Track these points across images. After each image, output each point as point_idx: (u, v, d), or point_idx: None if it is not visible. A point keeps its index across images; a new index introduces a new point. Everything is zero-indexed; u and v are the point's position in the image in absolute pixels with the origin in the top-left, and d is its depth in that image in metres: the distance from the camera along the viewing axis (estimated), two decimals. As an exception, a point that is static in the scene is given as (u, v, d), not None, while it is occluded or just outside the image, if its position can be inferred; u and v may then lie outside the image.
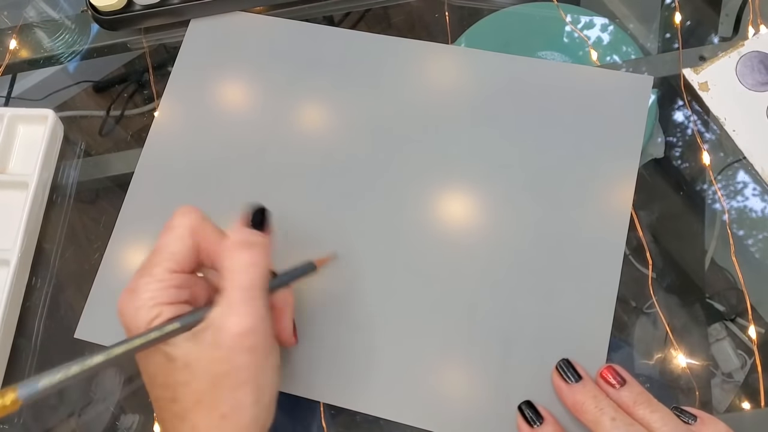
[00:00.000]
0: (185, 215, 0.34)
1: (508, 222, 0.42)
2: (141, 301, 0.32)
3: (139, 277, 0.33)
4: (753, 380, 0.39)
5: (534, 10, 0.49)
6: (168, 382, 0.32)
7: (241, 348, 0.31)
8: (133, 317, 0.32)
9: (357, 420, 0.40)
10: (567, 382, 0.36)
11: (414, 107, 0.46)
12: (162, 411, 0.33)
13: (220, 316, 0.32)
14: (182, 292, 0.33)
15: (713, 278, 0.41)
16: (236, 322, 0.31)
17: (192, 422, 0.31)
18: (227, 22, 0.51)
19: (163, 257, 0.33)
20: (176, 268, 0.33)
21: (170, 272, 0.33)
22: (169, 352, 0.32)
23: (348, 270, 0.42)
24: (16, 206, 0.46)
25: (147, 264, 0.33)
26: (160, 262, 0.33)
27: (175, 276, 0.33)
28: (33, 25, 0.56)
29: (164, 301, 0.32)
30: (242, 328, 0.31)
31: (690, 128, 0.45)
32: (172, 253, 0.33)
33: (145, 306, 0.32)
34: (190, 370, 0.31)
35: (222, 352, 0.31)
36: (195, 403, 0.31)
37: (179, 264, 0.33)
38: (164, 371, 0.32)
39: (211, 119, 0.48)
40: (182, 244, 0.33)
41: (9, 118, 0.48)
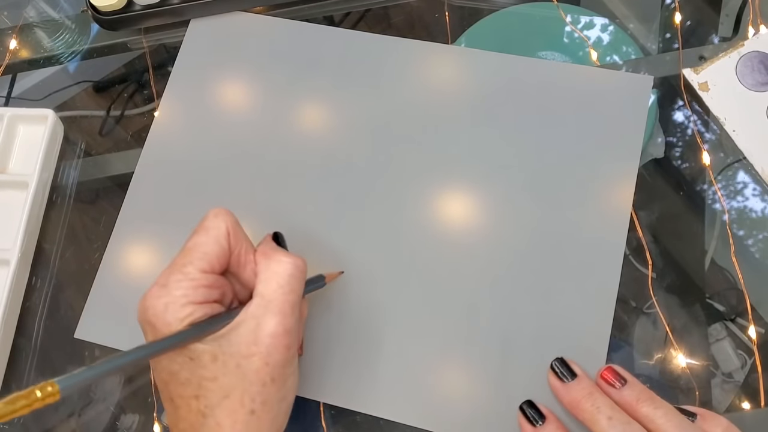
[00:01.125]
0: (221, 217, 0.34)
1: (508, 222, 0.42)
2: (172, 297, 0.32)
3: (169, 273, 0.33)
4: (753, 380, 0.39)
5: (534, 10, 0.49)
6: (192, 378, 0.32)
7: (278, 346, 0.32)
8: (161, 313, 0.32)
9: (357, 420, 0.40)
10: (562, 380, 0.36)
11: (414, 107, 0.46)
12: (179, 409, 0.32)
13: (261, 315, 0.32)
14: (213, 292, 0.33)
15: (713, 278, 0.41)
16: (279, 321, 0.32)
17: (216, 419, 0.31)
18: (227, 22, 0.51)
19: (195, 256, 0.33)
20: (208, 269, 0.33)
21: (202, 272, 0.33)
22: (195, 348, 0.32)
23: (348, 270, 0.42)
24: (16, 206, 0.46)
25: (178, 262, 0.33)
26: (193, 261, 0.33)
27: (207, 276, 0.33)
28: (33, 25, 0.56)
29: (196, 300, 0.32)
30: (283, 327, 0.32)
31: (690, 128, 0.45)
32: (205, 253, 0.33)
33: (177, 303, 0.32)
34: (218, 365, 0.31)
35: (259, 348, 0.32)
36: (222, 399, 0.31)
37: (211, 265, 0.33)
38: (188, 367, 0.32)
39: (211, 119, 0.48)
40: (217, 246, 0.34)
41: (9, 118, 0.48)
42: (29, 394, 0.25)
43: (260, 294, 0.33)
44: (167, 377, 0.33)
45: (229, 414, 0.31)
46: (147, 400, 0.43)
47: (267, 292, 0.33)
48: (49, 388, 0.26)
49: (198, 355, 0.32)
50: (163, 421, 0.42)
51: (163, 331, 0.32)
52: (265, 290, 0.33)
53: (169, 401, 0.33)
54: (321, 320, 0.41)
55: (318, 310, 0.42)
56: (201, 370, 0.32)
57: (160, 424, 0.42)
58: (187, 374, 0.32)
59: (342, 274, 0.42)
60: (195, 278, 0.33)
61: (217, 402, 0.31)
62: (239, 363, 0.31)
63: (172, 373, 0.32)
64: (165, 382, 0.33)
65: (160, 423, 0.42)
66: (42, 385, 0.26)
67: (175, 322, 0.32)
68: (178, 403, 0.32)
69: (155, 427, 0.42)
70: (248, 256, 0.35)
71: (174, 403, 0.33)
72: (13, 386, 0.44)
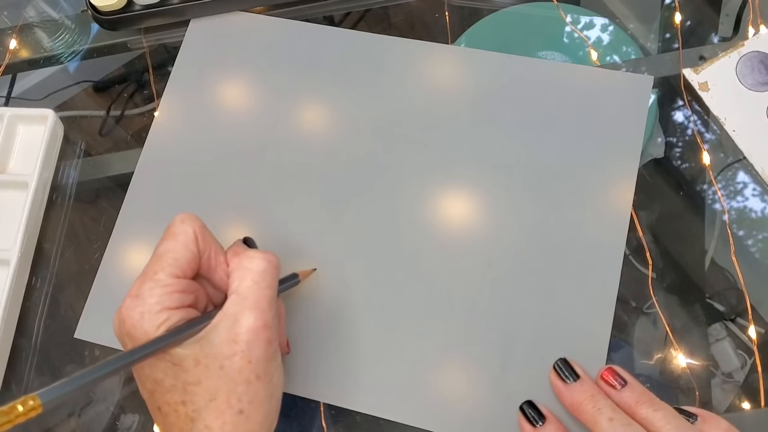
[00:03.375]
0: (188, 222, 0.34)
1: (508, 222, 0.42)
2: (147, 306, 0.32)
3: (141, 283, 0.33)
4: (753, 380, 0.39)
5: (534, 10, 0.49)
6: (176, 384, 0.32)
7: (258, 341, 0.32)
8: (138, 322, 0.32)
9: (357, 420, 0.40)
10: (565, 381, 0.36)
11: (414, 107, 0.46)
12: (168, 417, 0.32)
13: (237, 312, 0.32)
14: (186, 297, 0.33)
15: (713, 278, 0.41)
16: (257, 317, 0.32)
17: (205, 421, 0.31)
18: (227, 22, 0.51)
19: (166, 263, 0.33)
20: (179, 274, 0.33)
21: (174, 277, 0.33)
22: (177, 354, 0.32)
23: (348, 270, 0.42)
24: (16, 206, 0.46)
25: (149, 270, 0.33)
26: (164, 268, 0.33)
27: (179, 281, 0.33)
28: (33, 25, 0.56)
29: (171, 306, 0.32)
30: (262, 321, 0.32)
31: (690, 128, 0.45)
32: (176, 258, 0.33)
33: (152, 311, 0.32)
34: (201, 368, 0.31)
35: (239, 345, 0.31)
36: (208, 401, 0.31)
37: (182, 270, 0.33)
38: (172, 373, 0.32)
39: (211, 119, 0.48)
40: (186, 250, 0.34)
41: (9, 118, 0.48)
42: (11, 409, 0.25)
43: (235, 291, 0.33)
44: (152, 386, 0.33)
45: (217, 416, 0.31)
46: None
47: (242, 289, 0.33)
48: (31, 402, 0.25)
49: (180, 360, 0.32)
50: (163, 421, 0.42)
51: (141, 340, 0.31)
52: (239, 287, 0.33)
53: (156, 410, 0.33)
54: (321, 320, 0.41)
55: (318, 310, 0.42)
56: (185, 375, 0.31)
57: (160, 424, 0.42)
58: (171, 380, 0.32)
59: (315, 271, 0.42)
60: (167, 284, 0.32)
61: (204, 405, 0.31)
62: (222, 364, 0.31)
63: (157, 381, 0.32)
64: (150, 392, 0.33)
65: (160, 423, 0.42)
66: (23, 399, 0.25)
67: (152, 329, 0.31)
68: (166, 410, 0.32)
69: (155, 427, 0.42)
70: (218, 258, 0.35)
71: (162, 411, 0.32)
72: (13, 386, 0.44)
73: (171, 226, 0.35)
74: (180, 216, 0.35)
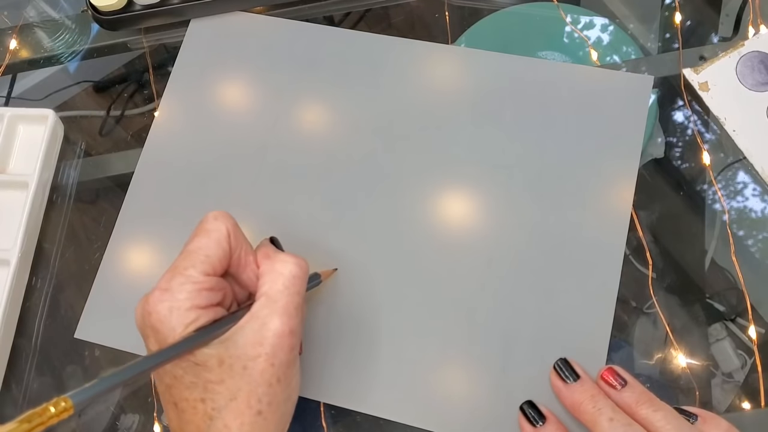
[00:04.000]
0: (221, 220, 0.34)
1: (508, 222, 0.42)
2: (177, 301, 0.32)
3: (171, 277, 0.33)
4: (753, 380, 0.39)
5: (534, 10, 0.49)
6: (197, 381, 0.32)
7: (283, 346, 0.32)
8: (166, 317, 0.31)
9: (357, 420, 0.40)
10: (565, 381, 0.36)
11: (414, 107, 0.46)
12: (184, 413, 0.32)
13: (266, 315, 0.32)
14: (215, 295, 0.33)
15: (713, 278, 0.41)
16: (284, 322, 0.32)
17: (224, 420, 0.31)
18: (227, 22, 0.51)
19: (198, 259, 0.33)
20: (210, 271, 0.33)
21: (205, 274, 0.33)
22: (201, 353, 0.32)
23: (348, 270, 0.42)
24: (16, 206, 0.46)
25: (179, 265, 0.33)
26: (195, 264, 0.33)
27: (209, 278, 0.33)
28: (33, 25, 0.56)
29: (200, 305, 0.32)
30: (289, 327, 0.32)
31: (690, 128, 0.45)
32: (208, 256, 0.33)
33: (181, 308, 0.32)
34: (224, 368, 0.31)
35: (265, 348, 0.32)
36: (228, 401, 0.31)
37: (213, 267, 0.33)
38: (193, 371, 0.32)
39: (211, 119, 0.48)
40: (219, 248, 0.34)
41: (9, 118, 0.48)
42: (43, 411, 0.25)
43: (265, 294, 0.33)
44: (170, 381, 0.33)
45: (236, 416, 0.31)
46: (147, 400, 0.43)
47: (272, 293, 0.33)
48: (63, 404, 0.25)
49: (204, 360, 0.32)
50: (163, 421, 0.42)
51: (167, 336, 0.31)
52: (270, 291, 0.33)
53: (172, 405, 0.33)
54: (321, 320, 0.41)
55: (318, 310, 0.42)
56: (206, 374, 0.32)
57: (160, 424, 0.42)
58: (191, 378, 0.32)
59: (336, 272, 0.42)
60: (198, 281, 0.32)
61: (224, 404, 0.31)
62: (246, 365, 0.31)
63: (176, 377, 0.32)
64: (168, 386, 0.33)
65: (160, 423, 0.42)
66: (55, 400, 0.25)
67: (181, 327, 0.31)
68: (183, 406, 0.32)
69: (155, 427, 0.42)
70: (248, 258, 0.35)
71: (178, 407, 0.32)
72: (13, 386, 0.44)
73: (204, 223, 0.34)
74: (213, 213, 0.35)
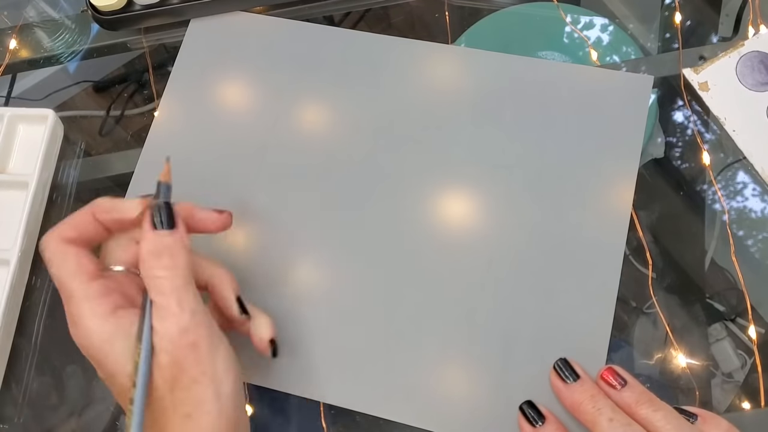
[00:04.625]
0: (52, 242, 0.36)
1: (508, 222, 0.42)
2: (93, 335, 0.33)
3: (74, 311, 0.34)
4: (753, 380, 0.39)
5: (534, 10, 0.49)
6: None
7: (181, 347, 0.32)
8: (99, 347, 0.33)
9: (357, 420, 0.40)
10: (565, 381, 0.36)
11: (414, 107, 0.46)
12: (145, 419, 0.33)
13: (157, 323, 0.32)
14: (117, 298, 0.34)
15: (713, 278, 0.41)
16: (170, 325, 0.32)
17: (160, 427, 0.32)
18: (227, 22, 0.51)
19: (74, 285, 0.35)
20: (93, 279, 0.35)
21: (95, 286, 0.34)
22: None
23: (348, 270, 0.42)
24: (16, 206, 0.46)
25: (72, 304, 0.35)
26: (76, 289, 0.35)
27: (94, 284, 0.34)
28: (33, 25, 0.56)
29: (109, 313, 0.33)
30: (178, 328, 0.32)
31: (690, 128, 0.45)
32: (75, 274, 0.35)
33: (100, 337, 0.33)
34: (153, 386, 0.32)
35: (168, 356, 0.32)
36: (162, 411, 0.32)
37: (89, 274, 0.35)
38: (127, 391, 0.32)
39: (211, 119, 0.48)
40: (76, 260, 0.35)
41: (9, 118, 0.48)
42: None
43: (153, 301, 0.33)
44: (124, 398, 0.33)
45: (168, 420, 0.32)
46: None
47: (154, 298, 0.33)
48: None
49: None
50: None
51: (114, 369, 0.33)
52: (151, 296, 0.33)
53: None
54: (321, 320, 0.41)
55: (318, 309, 0.42)
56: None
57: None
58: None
59: (168, 160, 0.39)
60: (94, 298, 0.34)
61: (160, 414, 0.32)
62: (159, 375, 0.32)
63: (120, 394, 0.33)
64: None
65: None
66: None
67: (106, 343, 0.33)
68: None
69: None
70: None
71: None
72: (13, 386, 0.44)
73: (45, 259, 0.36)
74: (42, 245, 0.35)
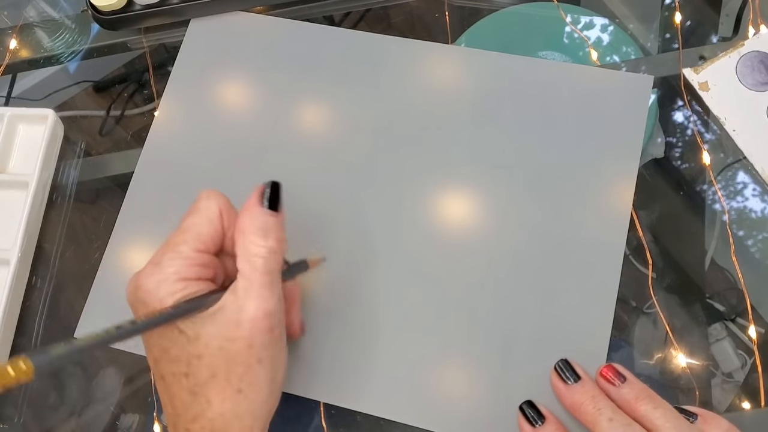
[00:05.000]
0: (212, 199, 0.35)
1: (508, 222, 0.42)
2: (164, 275, 0.32)
3: (163, 252, 0.33)
4: (753, 380, 0.39)
5: (534, 10, 0.49)
6: (181, 356, 0.32)
7: (261, 328, 0.32)
8: (154, 290, 0.32)
9: (357, 420, 0.40)
10: (566, 382, 0.36)
11: (414, 107, 0.46)
12: (170, 387, 0.33)
13: (241, 297, 0.32)
14: (206, 271, 0.34)
15: (713, 278, 0.41)
16: (258, 305, 0.32)
17: (206, 396, 0.32)
18: (227, 22, 0.51)
19: (189, 236, 0.34)
20: (202, 248, 0.34)
21: (196, 251, 0.33)
22: (185, 324, 0.32)
23: (348, 269, 0.42)
24: (16, 206, 0.46)
25: (172, 242, 0.34)
26: (187, 241, 0.33)
27: (201, 255, 0.34)
28: (33, 24, 0.56)
29: (189, 277, 0.33)
30: (264, 310, 0.32)
31: (690, 128, 0.45)
32: (199, 233, 0.34)
33: (169, 280, 0.32)
34: (202, 343, 0.32)
35: (242, 332, 0.32)
36: (209, 378, 0.32)
37: (205, 244, 0.34)
38: (179, 343, 0.32)
39: (211, 119, 0.48)
40: (210, 226, 0.34)
41: (9, 118, 0.48)
42: (2, 372, 0.24)
43: (240, 274, 0.33)
44: (158, 354, 0.33)
45: (217, 392, 0.32)
46: (147, 400, 0.43)
47: (246, 272, 0.33)
48: (22, 364, 0.24)
49: (185, 330, 0.32)
50: (163, 421, 0.42)
51: (155, 306, 0.32)
52: (244, 270, 0.33)
53: (160, 379, 0.33)
54: (321, 320, 0.41)
55: (318, 310, 0.42)
56: (189, 347, 0.32)
57: (160, 424, 0.42)
58: (177, 351, 0.32)
59: (324, 260, 0.41)
60: (188, 257, 0.33)
61: (205, 380, 0.32)
62: (222, 345, 0.32)
63: (164, 349, 0.33)
64: (156, 360, 0.33)
65: (160, 423, 0.42)
66: (12, 360, 0.25)
67: (168, 297, 0.32)
68: (169, 380, 0.33)
69: (155, 427, 0.42)
70: None
71: (165, 381, 0.33)
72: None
73: (197, 201, 0.35)
74: (205, 192, 0.35)
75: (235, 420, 0.32)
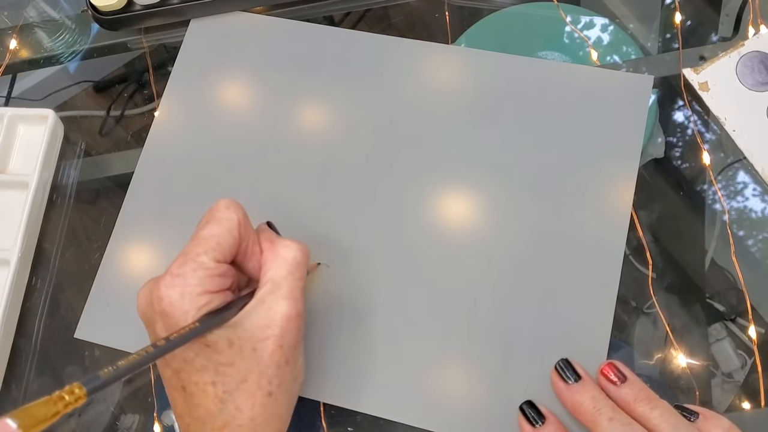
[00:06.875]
0: (232, 209, 0.35)
1: (508, 222, 0.42)
2: (188, 287, 0.32)
3: (183, 262, 0.33)
4: (753, 380, 0.39)
5: (534, 10, 0.49)
6: (208, 365, 0.32)
7: (291, 329, 0.33)
8: (178, 302, 0.32)
9: (357, 420, 0.40)
10: (566, 382, 0.36)
11: (414, 107, 0.46)
12: (193, 396, 0.32)
13: (272, 299, 0.33)
14: (226, 281, 0.34)
15: (713, 278, 0.41)
16: (290, 305, 0.33)
17: (235, 403, 0.32)
18: (227, 22, 0.51)
19: (209, 246, 0.34)
20: (221, 258, 0.34)
21: (216, 262, 0.34)
22: (211, 334, 0.32)
23: (348, 270, 0.42)
24: (16, 206, 0.46)
25: (191, 251, 0.34)
26: (207, 251, 0.34)
27: (220, 265, 0.34)
28: (33, 25, 0.56)
29: (211, 289, 0.33)
30: (295, 310, 0.34)
31: (690, 128, 0.45)
32: (219, 243, 0.34)
33: (193, 292, 0.32)
34: (234, 350, 0.32)
35: (273, 330, 0.33)
36: (240, 383, 0.32)
37: (224, 255, 0.34)
38: (204, 354, 0.32)
39: (211, 119, 0.48)
40: (230, 236, 0.34)
41: (9, 118, 0.48)
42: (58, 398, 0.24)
43: (271, 280, 0.34)
44: (180, 365, 0.33)
45: (247, 397, 0.32)
46: (147, 400, 0.43)
47: (277, 278, 0.34)
48: (77, 391, 0.25)
49: (214, 342, 0.32)
50: (163, 421, 0.42)
51: (179, 320, 0.32)
52: (275, 276, 0.34)
53: (179, 390, 0.33)
54: (321, 320, 0.41)
55: (318, 309, 0.42)
56: (217, 356, 0.32)
57: (160, 424, 0.42)
58: (203, 361, 0.32)
59: (320, 266, 0.42)
60: (210, 267, 0.33)
61: (236, 386, 0.32)
62: (255, 347, 0.32)
63: (186, 360, 0.33)
64: (176, 371, 0.33)
65: (161, 423, 0.42)
66: (68, 388, 0.25)
67: (193, 310, 0.32)
68: (192, 390, 0.32)
69: (155, 427, 0.42)
70: (254, 248, 0.36)
71: (187, 391, 0.33)
72: (13, 386, 0.44)
73: (216, 211, 0.35)
74: (225, 201, 0.35)
75: (265, 424, 0.32)
